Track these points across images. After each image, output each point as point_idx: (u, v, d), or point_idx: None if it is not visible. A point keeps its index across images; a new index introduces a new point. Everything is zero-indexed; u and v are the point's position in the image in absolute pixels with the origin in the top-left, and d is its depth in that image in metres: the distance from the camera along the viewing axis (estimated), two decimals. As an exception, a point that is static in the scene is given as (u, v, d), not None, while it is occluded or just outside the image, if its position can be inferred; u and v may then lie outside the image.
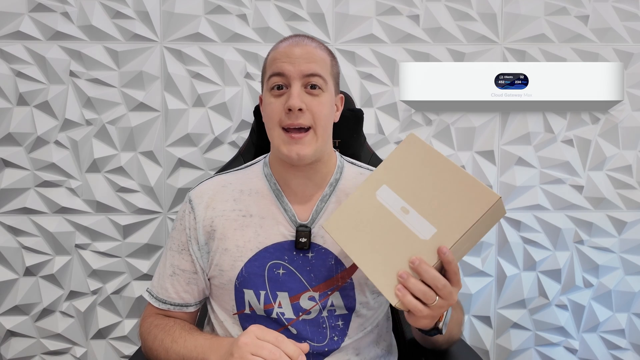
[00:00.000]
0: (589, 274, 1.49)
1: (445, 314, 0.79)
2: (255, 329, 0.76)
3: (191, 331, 0.88)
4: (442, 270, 0.73)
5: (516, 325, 1.50)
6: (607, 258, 1.48)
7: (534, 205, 1.47)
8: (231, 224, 0.91)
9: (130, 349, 1.46)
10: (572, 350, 1.50)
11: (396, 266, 0.74)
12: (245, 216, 0.92)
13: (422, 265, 0.72)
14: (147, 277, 1.43)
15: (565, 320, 1.49)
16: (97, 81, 1.38)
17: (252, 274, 0.89)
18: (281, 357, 0.72)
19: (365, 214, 0.80)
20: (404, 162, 0.80)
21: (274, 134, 0.89)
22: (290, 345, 0.74)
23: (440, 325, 0.78)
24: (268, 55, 0.93)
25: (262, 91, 0.96)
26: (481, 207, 0.72)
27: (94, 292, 1.43)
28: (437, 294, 0.71)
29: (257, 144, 1.23)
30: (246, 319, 0.90)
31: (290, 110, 0.85)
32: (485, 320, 1.50)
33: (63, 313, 1.43)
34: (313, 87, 0.87)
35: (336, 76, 0.94)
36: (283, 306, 0.89)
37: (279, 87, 0.88)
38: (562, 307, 1.49)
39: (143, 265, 1.43)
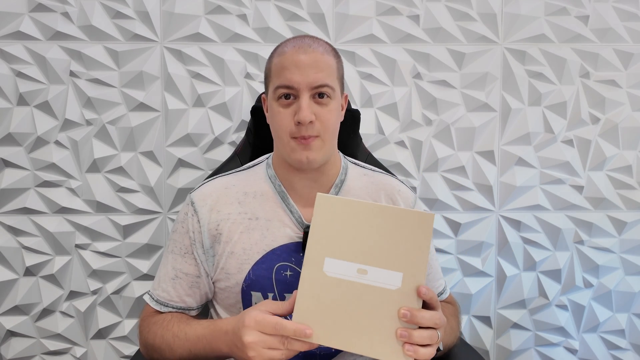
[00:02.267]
0: (589, 274, 1.49)
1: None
2: (254, 323, 0.73)
3: (188, 322, 0.87)
4: (424, 304, 0.74)
5: (516, 326, 1.50)
6: (607, 258, 1.48)
7: (534, 205, 1.47)
8: (237, 227, 0.90)
9: (130, 349, 1.46)
10: (572, 351, 1.50)
11: (388, 329, 0.71)
12: (252, 219, 0.91)
13: (415, 314, 0.71)
14: (147, 277, 1.43)
15: (565, 320, 1.49)
16: (97, 81, 1.38)
17: (260, 277, 0.89)
18: (290, 353, 0.72)
19: (325, 298, 0.73)
20: (329, 226, 0.75)
21: (283, 142, 0.88)
22: (289, 326, 0.72)
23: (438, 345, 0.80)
24: (272, 58, 0.90)
25: (265, 92, 0.94)
26: (426, 231, 0.72)
27: (94, 292, 1.43)
28: (437, 329, 0.72)
29: (253, 143, 1.23)
30: None
31: (300, 123, 0.84)
32: (485, 320, 1.50)
33: (63, 313, 1.43)
34: (321, 95, 0.86)
35: (342, 78, 0.93)
36: None
37: (287, 96, 0.86)
38: (562, 307, 1.49)
39: (143, 266, 1.43)
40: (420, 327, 0.72)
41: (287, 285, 0.89)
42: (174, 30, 1.38)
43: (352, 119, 1.21)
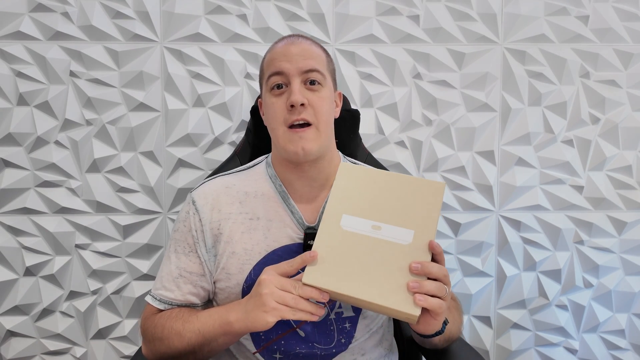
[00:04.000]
0: (589, 274, 1.49)
1: None
2: (272, 278, 0.76)
3: (199, 310, 0.88)
4: (433, 260, 0.77)
5: (516, 326, 1.50)
6: (607, 258, 1.48)
7: (534, 205, 1.47)
8: (238, 227, 0.91)
9: (130, 349, 1.46)
10: (572, 351, 1.50)
11: (398, 280, 0.74)
12: (253, 219, 0.91)
13: (426, 265, 0.74)
14: (147, 277, 1.43)
15: (565, 320, 1.49)
16: (97, 81, 1.38)
17: None
18: (299, 302, 0.74)
19: (341, 249, 0.77)
20: (349, 188, 0.82)
21: (279, 134, 0.89)
22: (298, 258, 0.77)
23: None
24: (265, 57, 0.95)
25: (261, 94, 0.96)
26: (437, 196, 0.79)
27: (94, 292, 1.43)
28: (444, 283, 0.74)
29: (253, 143, 1.23)
30: None
31: (292, 106, 0.86)
32: (485, 320, 1.50)
33: (63, 313, 1.43)
34: (312, 82, 0.89)
35: (333, 73, 0.96)
36: None
37: (279, 86, 0.89)
38: (562, 307, 1.49)
39: (143, 266, 1.43)
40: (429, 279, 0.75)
41: None
42: (174, 30, 1.38)
43: (351, 119, 1.21)
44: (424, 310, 0.74)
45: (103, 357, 1.45)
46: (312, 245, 0.87)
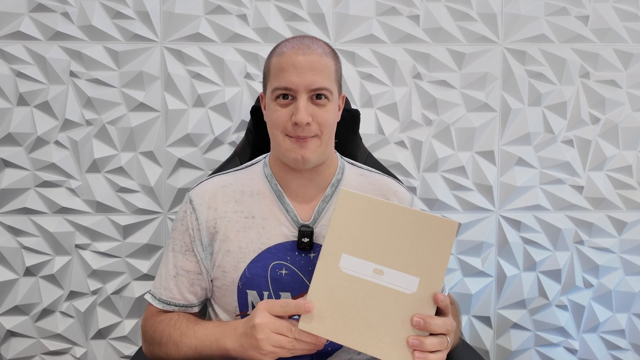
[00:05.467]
0: (589, 274, 1.49)
1: None
2: (264, 305, 0.76)
3: (197, 322, 0.88)
4: (438, 312, 0.75)
5: (516, 326, 1.50)
6: (607, 258, 1.48)
7: (534, 205, 1.47)
8: (233, 225, 0.91)
9: (130, 349, 1.46)
10: (572, 351, 1.50)
11: (399, 333, 0.71)
12: (247, 217, 0.92)
13: (429, 322, 0.72)
14: (147, 277, 1.43)
15: (565, 320, 1.49)
16: (97, 81, 1.38)
17: (255, 275, 0.89)
18: (296, 343, 0.74)
19: (339, 294, 0.73)
20: (350, 222, 0.74)
21: (279, 140, 0.89)
22: (292, 302, 0.75)
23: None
24: (271, 57, 0.91)
25: (263, 92, 0.95)
26: (449, 238, 0.71)
27: (94, 292, 1.43)
28: (447, 335, 0.73)
29: (253, 143, 1.23)
30: None
31: (296, 124, 0.85)
32: (485, 320, 1.50)
33: (63, 313, 1.43)
34: (319, 97, 0.87)
35: (339, 80, 0.93)
36: None
37: (285, 96, 0.87)
38: (562, 307, 1.49)
39: (143, 266, 1.43)
40: (431, 334, 0.72)
41: (282, 284, 0.89)
42: (174, 30, 1.38)
43: (351, 119, 1.21)
44: None
45: (103, 357, 1.45)
46: (305, 242, 0.87)
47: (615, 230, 1.48)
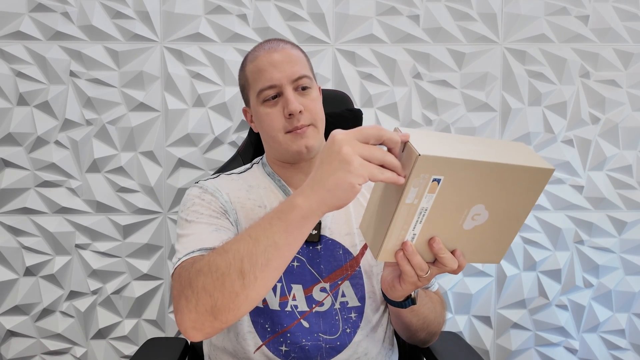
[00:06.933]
0: (589, 274, 1.49)
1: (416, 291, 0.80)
2: (349, 137, 0.61)
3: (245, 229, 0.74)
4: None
5: (516, 326, 1.50)
6: (607, 258, 1.48)
7: (534, 205, 1.46)
8: (247, 212, 0.92)
9: (130, 349, 1.45)
10: (572, 351, 1.50)
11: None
12: (261, 207, 0.93)
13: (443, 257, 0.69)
14: (147, 277, 1.43)
15: (565, 320, 1.49)
16: (97, 81, 1.38)
17: None
18: (387, 158, 0.61)
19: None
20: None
21: (279, 140, 0.91)
22: (388, 133, 0.62)
23: (414, 294, 0.80)
24: (245, 67, 0.95)
25: (246, 104, 0.99)
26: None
27: (94, 292, 1.43)
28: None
29: (255, 143, 1.23)
30: (258, 314, 0.90)
31: (291, 115, 0.88)
32: (486, 320, 1.50)
33: (63, 313, 1.43)
34: (303, 88, 0.91)
35: (312, 70, 0.99)
36: (297, 299, 0.90)
37: (273, 97, 0.90)
38: (562, 307, 1.49)
39: (143, 265, 1.43)
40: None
41: (293, 276, 0.90)
42: (174, 30, 1.38)
43: (354, 118, 1.22)
44: (395, 277, 0.73)
45: (103, 357, 1.45)
46: (313, 235, 0.89)
47: (615, 230, 1.48)
